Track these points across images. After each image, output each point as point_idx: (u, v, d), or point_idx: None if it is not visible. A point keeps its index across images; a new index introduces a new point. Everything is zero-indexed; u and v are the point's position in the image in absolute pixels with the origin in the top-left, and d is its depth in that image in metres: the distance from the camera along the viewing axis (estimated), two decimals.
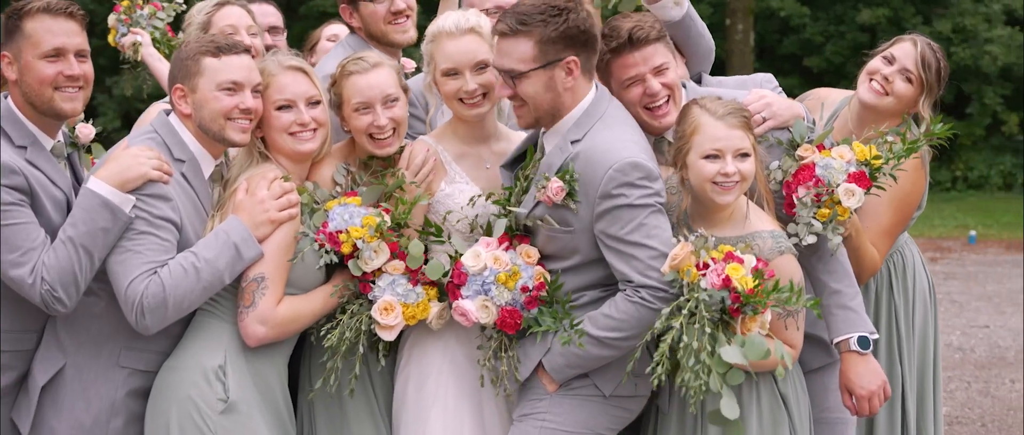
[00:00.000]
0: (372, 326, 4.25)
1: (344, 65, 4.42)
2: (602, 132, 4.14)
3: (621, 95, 4.34)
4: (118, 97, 18.02)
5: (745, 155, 4.16)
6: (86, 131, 4.44)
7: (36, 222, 3.97)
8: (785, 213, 4.33)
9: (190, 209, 4.12)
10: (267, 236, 4.12)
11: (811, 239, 4.23)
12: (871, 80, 4.82)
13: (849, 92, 5.06)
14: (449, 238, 4.30)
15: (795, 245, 4.26)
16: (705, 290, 3.92)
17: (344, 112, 4.40)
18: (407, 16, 5.13)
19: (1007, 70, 22.44)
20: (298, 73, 4.30)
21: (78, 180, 4.27)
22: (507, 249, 4.25)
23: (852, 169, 4.27)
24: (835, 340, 4.31)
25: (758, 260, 4.03)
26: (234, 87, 4.12)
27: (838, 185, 4.22)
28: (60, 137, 4.22)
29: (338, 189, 4.38)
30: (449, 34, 4.38)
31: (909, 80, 4.77)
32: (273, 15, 5.84)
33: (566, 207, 4.11)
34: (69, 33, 4.07)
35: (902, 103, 4.76)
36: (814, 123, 4.58)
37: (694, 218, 4.26)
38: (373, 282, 4.27)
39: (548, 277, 4.22)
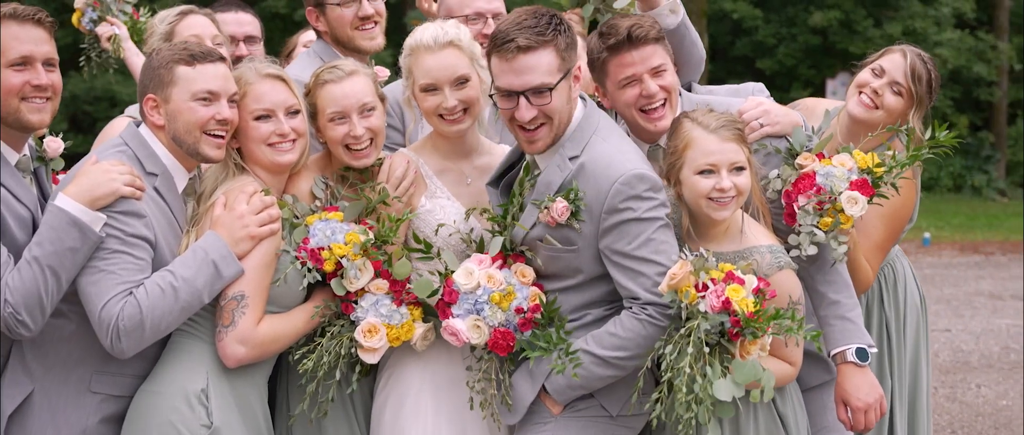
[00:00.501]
0: (354, 348, 4.09)
1: (319, 74, 4.26)
2: (600, 145, 4.03)
3: (616, 96, 4.23)
4: (65, 98, 17.51)
5: (740, 169, 4.04)
6: (54, 145, 4.23)
7: None
8: (784, 224, 4.23)
9: (164, 226, 3.94)
10: (247, 253, 3.95)
11: (812, 250, 4.14)
12: (860, 93, 4.72)
13: (836, 103, 4.96)
14: (439, 254, 4.15)
15: (795, 257, 4.16)
16: (703, 313, 3.80)
17: (320, 122, 4.24)
18: (375, 22, 4.98)
19: (956, 73, 22.67)
20: (276, 81, 4.13)
21: (45, 196, 4.06)
22: (501, 267, 4.11)
23: (854, 177, 4.18)
24: (833, 351, 4.22)
25: (759, 280, 3.91)
26: (210, 97, 3.95)
27: (841, 193, 4.12)
28: (26, 151, 4.00)
29: (317, 203, 4.22)
30: (427, 48, 4.22)
31: (899, 93, 4.67)
32: (251, 24, 5.64)
33: (569, 226, 3.99)
34: (37, 41, 3.87)
35: (892, 116, 4.66)
36: (813, 131, 4.48)
37: (691, 235, 4.14)
38: (355, 302, 4.12)
39: (544, 298, 4.09)
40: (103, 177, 3.80)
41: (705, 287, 3.83)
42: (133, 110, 4.99)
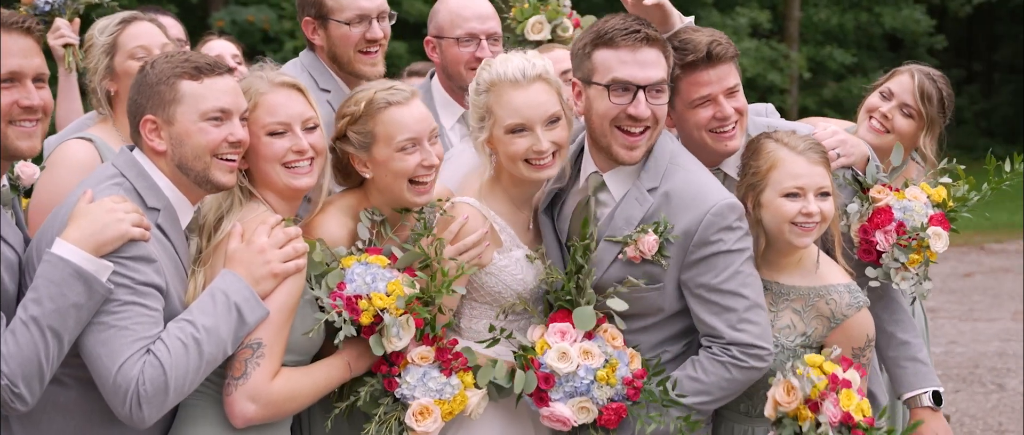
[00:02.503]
0: (404, 433, 3.58)
1: (374, 96, 3.69)
2: (681, 173, 3.74)
3: (686, 115, 3.94)
4: None
5: (826, 194, 3.77)
6: (28, 171, 3.54)
7: None
8: (859, 258, 3.97)
9: (171, 269, 3.35)
10: (268, 293, 3.37)
11: (907, 288, 3.90)
12: (871, 118, 4.57)
13: (842, 122, 4.75)
14: (510, 336, 3.72)
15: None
16: (820, 430, 3.56)
17: (378, 154, 3.66)
18: (380, 46, 4.49)
19: (752, 81, 23.33)
20: (292, 91, 3.57)
21: (24, 233, 3.37)
22: (588, 336, 3.67)
23: (931, 211, 3.96)
24: (906, 396, 4.03)
25: (856, 366, 3.68)
26: (222, 116, 3.37)
27: (925, 229, 3.89)
28: (4, 181, 3.27)
29: (359, 244, 3.62)
30: (513, 83, 3.73)
31: (909, 115, 4.57)
32: (175, 28, 4.97)
33: (655, 262, 3.65)
34: (25, 53, 3.17)
35: (905, 139, 4.55)
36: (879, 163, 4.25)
37: (762, 264, 3.80)
38: (398, 376, 3.58)
39: (648, 362, 3.75)
40: (108, 218, 3.15)
41: (816, 405, 3.55)
42: (82, 126, 4.25)
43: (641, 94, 3.69)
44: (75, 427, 3.29)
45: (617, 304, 3.68)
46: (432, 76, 4.90)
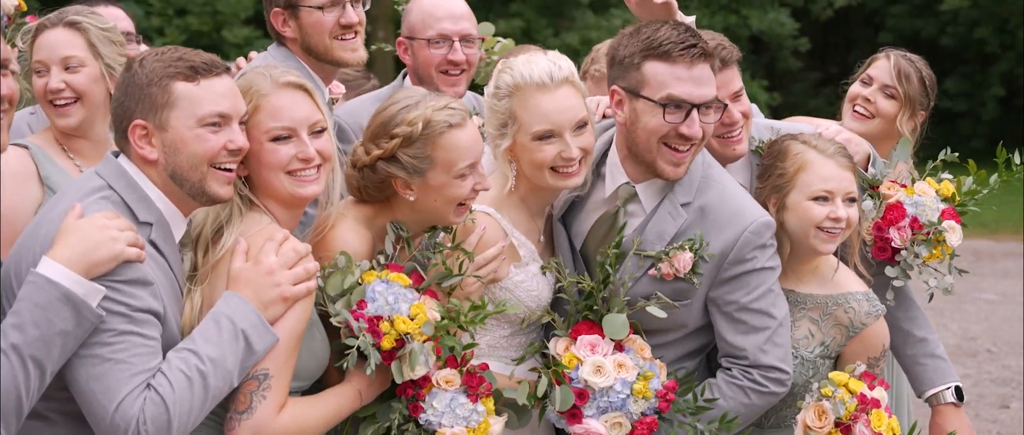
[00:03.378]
0: None
1: (433, 117, 3.32)
2: (716, 188, 3.59)
3: None
4: None
5: (853, 200, 3.65)
6: None
7: None
8: (874, 257, 3.88)
9: (168, 289, 2.99)
10: (277, 318, 3.03)
11: (936, 284, 3.83)
12: (854, 106, 4.51)
13: (824, 121, 4.66)
14: (551, 366, 3.49)
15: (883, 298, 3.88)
16: None
17: (433, 179, 3.34)
18: (356, 32, 4.16)
19: None
20: (298, 92, 3.22)
21: None
22: (618, 347, 3.47)
23: (942, 206, 3.88)
24: (929, 393, 4.00)
25: (880, 381, 3.61)
26: (220, 121, 3.01)
27: (940, 223, 3.81)
28: None
29: (381, 258, 3.33)
30: (541, 87, 3.46)
31: (892, 96, 4.52)
32: (126, 19, 4.54)
33: (688, 280, 3.49)
34: None
35: (889, 120, 4.49)
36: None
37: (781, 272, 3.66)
38: (423, 400, 3.29)
39: (675, 373, 3.59)
40: (101, 236, 2.79)
41: (848, 428, 3.46)
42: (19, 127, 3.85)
43: (695, 113, 3.50)
44: None
45: (657, 311, 3.49)
46: (404, 77, 4.63)
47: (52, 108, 3.73)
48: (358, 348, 3.13)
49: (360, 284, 3.21)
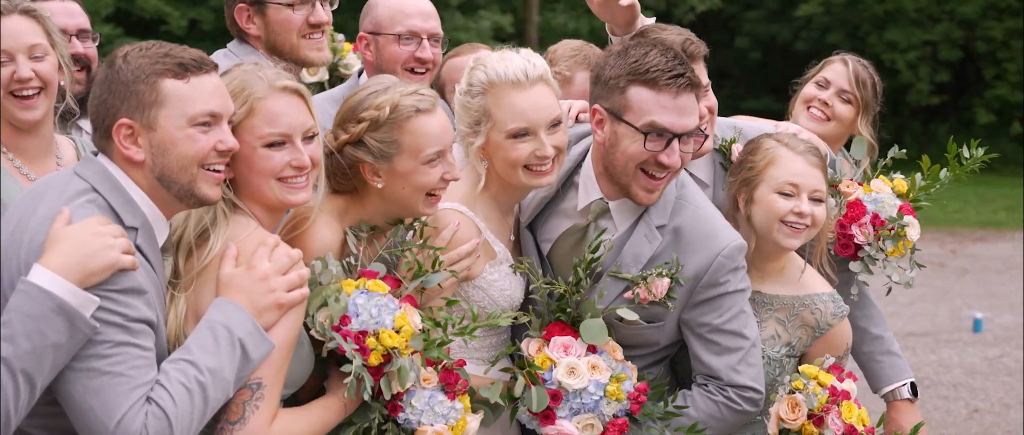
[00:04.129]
0: None
1: (399, 101, 3.28)
2: (690, 210, 3.61)
3: None
4: None
5: (819, 200, 3.71)
6: None
7: None
8: (837, 254, 3.96)
9: (157, 297, 2.86)
10: (271, 325, 2.94)
11: (898, 278, 3.94)
12: (809, 108, 4.59)
13: (763, 122, 4.74)
14: (525, 367, 3.47)
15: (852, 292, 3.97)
16: None
17: (400, 165, 3.28)
18: (323, 31, 4.10)
19: None
20: (294, 97, 3.13)
21: None
22: (591, 350, 3.48)
23: (899, 201, 4.00)
24: (885, 389, 4.10)
25: (849, 374, 3.70)
26: (210, 120, 2.89)
27: (900, 219, 3.93)
28: None
29: (351, 259, 3.24)
30: (516, 84, 3.42)
31: (848, 101, 4.63)
32: (82, 15, 4.31)
33: (662, 304, 3.50)
34: None
35: (844, 125, 4.62)
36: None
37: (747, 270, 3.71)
38: (401, 399, 3.22)
39: (646, 376, 3.61)
40: (96, 244, 2.67)
41: (820, 419, 3.53)
42: None
43: (676, 142, 3.49)
44: None
45: (629, 313, 3.48)
46: (360, 74, 4.53)
47: (14, 100, 3.44)
48: (355, 374, 3.06)
49: (338, 299, 3.12)
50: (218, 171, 2.93)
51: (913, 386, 4.19)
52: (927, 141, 25.00)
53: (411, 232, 3.44)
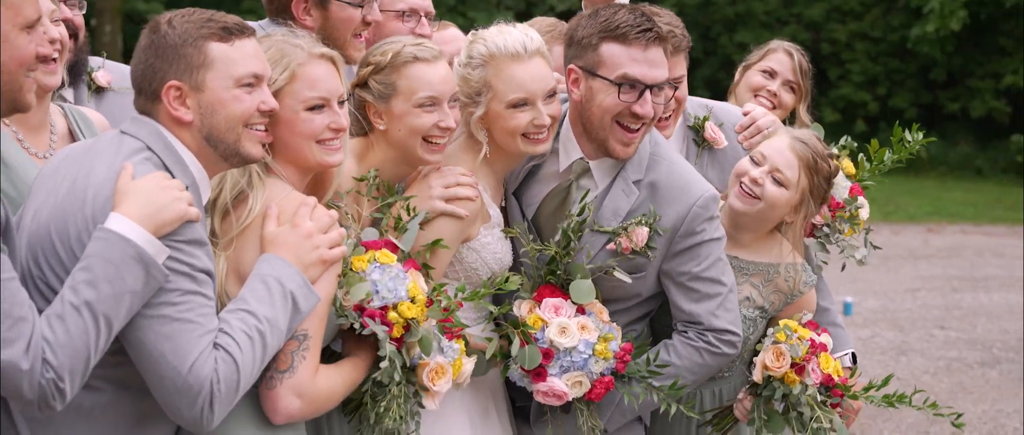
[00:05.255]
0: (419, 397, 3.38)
1: (401, 49, 3.50)
2: (664, 165, 3.82)
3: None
4: None
5: (780, 183, 3.97)
6: None
7: (17, 278, 2.61)
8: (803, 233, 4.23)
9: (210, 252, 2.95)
10: (315, 280, 3.09)
11: (858, 255, 4.19)
12: (757, 96, 4.88)
13: (750, 105, 4.97)
14: (519, 327, 3.64)
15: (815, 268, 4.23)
16: (811, 396, 3.81)
17: (395, 107, 3.49)
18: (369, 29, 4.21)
19: None
20: (330, 63, 3.30)
21: None
22: (580, 311, 3.66)
23: (849, 183, 4.28)
24: None
25: (823, 329, 3.97)
26: (254, 82, 3.02)
27: (854, 201, 4.21)
28: None
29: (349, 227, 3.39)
30: (514, 56, 3.61)
31: (792, 89, 4.92)
32: None
33: (643, 254, 3.71)
34: None
35: (787, 110, 4.92)
36: None
37: (726, 241, 3.95)
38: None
39: (630, 335, 3.82)
40: (166, 196, 2.78)
41: (801, 368, 3.78)
42: None
43: (648, 93, 3.69)
44: (100, 433, 2.86)
45: (623, 276, 3.68)
46: None
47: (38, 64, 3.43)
48: (390, 356, 3.20)
49: (359, 277, 3.23)
50: (261, 130, 3.05)
51: (854, 356, 4.46)
52: None
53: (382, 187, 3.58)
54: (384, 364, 3.20)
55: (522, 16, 27.98)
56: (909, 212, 20.23)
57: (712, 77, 28.61)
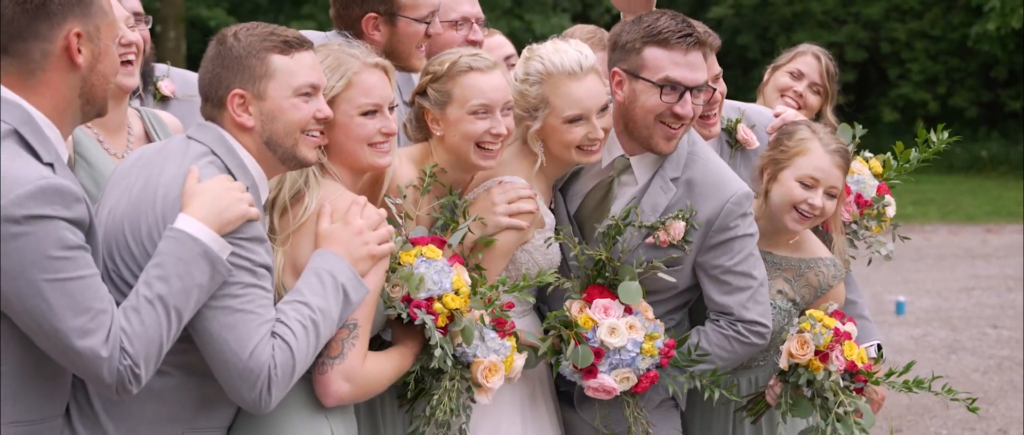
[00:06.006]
0: (469, 390, 3.59)
1: (457, 59, 3.73)
2: (701, 163, 4.03)
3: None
4: None
5: (833, 196, 4.16)
6: None
7: (98, 273, 2.86)
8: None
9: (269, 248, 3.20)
10: (365, 274, 3.32)
11: (884, 251, 4.37)
12: (784, 96, 5.04)
13: (780, 107, 5.13)
14: (572, 327, 3.87)
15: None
16: (835, 382, 3.94)
17: (450, 114, 3.71)
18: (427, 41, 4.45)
19: None
20: (383, 72, 3.54)
21: None
22: (627, 310, 3.87)
23: (876, 182, 4.45)
24: None
25: (849, 318, 4.10)
26: (312, 91, 3.26)
27: (882, 199, 4.38)
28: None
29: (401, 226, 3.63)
30: (572, 74, 3.83)
31: (818, 92, 5.08)
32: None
33: (680, 247, 3.93)
34: None
35: (812, 112, 5.10)
36: None
37: (760, 238, 4.13)
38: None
39: (672, 330, 4.02)
40: (229, 197, 3.03)
41: (825, 355, 3.94)
42: None
43: (688, 95, 3.89)
44: (168, 414, 3.09)
45: (668, 276, 3.88)
46: None
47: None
48: (440, 345, 3.42)
49: (410, 271, 3.45)
50: (316, 136, 3.29)
51: (879, 347, 4.58)
52: None
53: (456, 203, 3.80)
54: (437, 352, 3.41)
55: (578, 18, 28.16)
56: (968, 212, 20.15)
57: None
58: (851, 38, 27.27)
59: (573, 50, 3.86)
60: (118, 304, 2.88)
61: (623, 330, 3.84)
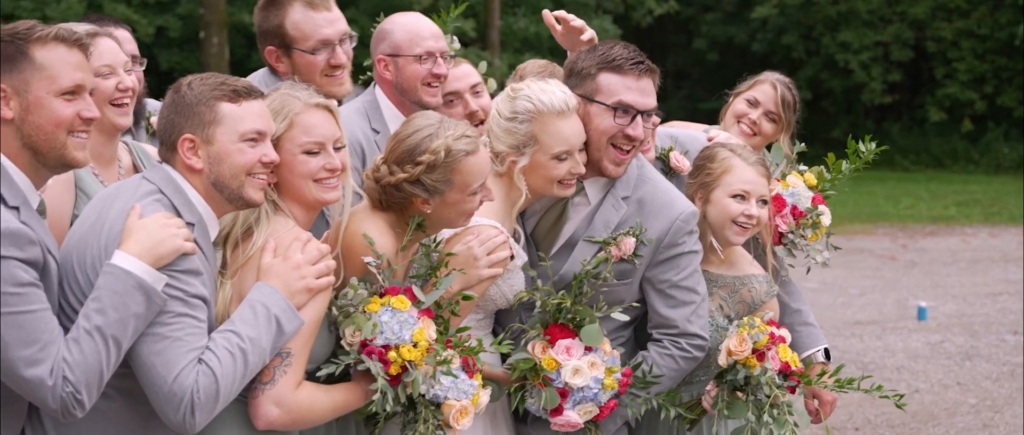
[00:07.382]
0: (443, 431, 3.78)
1: (453, 147, 3.79)
2: (650, 184, 4.27)
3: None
4: None
5: (765, 202, 4.37)
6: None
7: (49, 308, 3.15)
8: (759, 240, 4.61)
9: (208, 280, 3.44)
10: (301, 306, 3.52)
11: (820, 259, 4.56)
12: (739, 122, 5.23)
13: (694, 128, 5.32)
14: (540, 380, 4.04)
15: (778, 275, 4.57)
16: (771, 379, 4.12)
17: (450, 198, 3.82)
18: (344, 67, 4.62)
19: None
20: (325, 112, 3.73)
21: None
22: (587, 348, 4.04)
23: (811, 193, 4.65)
24: (803, 355, 4.68)
25: (781, 326, 4.27)
26: (257, 137, 3.49)
27: (815, 209, 4.57)
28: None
29: (372, 284, 3.78)
30: (559, 114, 4.06)
31: (773, 120, 5.25)
32: (130, 41, 4.80)
33: (630, 261, 4.15)
34: (84, 67, 3.29)
35: (767, 139, 5.27)
36: None
37: None
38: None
39: (628, 362, 4.18)
40: (164, 233, 3.27)
41: (762, 354, 4.13)
42: None
43: (640, 118, 4.13)
44: (113, 433, 3.35)
45: (620, 315, 4.09)
46: (374, 86, 4.95)
47: (113, 108, 4.01)
48: (381, 390, 3.60)
49: (366, 317, 3.64)
50: (263, 179, 3.52)
51: (826, 351, 4.80)
52: (881, 139, 25.83)
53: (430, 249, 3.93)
54: (376, 396, 3.61)
55: (620, 19, 28.30)
56: (1012, 213, 20.01)
57: (815, 77, 28.46)
58: (897, 37, 27.11)
59: (559, 91, 4.08)
60: (67, 330, 3.15)
61: (586, 370, 4.02)
